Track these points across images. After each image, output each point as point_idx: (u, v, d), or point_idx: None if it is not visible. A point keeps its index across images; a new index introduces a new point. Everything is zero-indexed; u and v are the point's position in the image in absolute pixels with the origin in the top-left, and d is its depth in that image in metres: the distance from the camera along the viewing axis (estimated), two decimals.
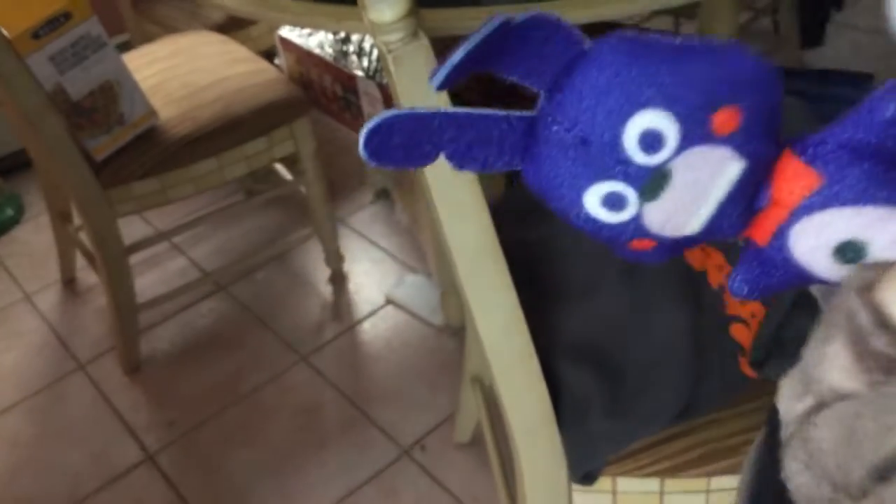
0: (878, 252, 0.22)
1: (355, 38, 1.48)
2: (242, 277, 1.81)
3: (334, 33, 1.50)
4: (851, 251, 0.22)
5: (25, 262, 1.95)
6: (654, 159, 0.21)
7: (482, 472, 1.33)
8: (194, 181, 1.51)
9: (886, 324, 0.21)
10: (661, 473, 0.83)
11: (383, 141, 0.22)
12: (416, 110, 0.22)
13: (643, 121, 0.21)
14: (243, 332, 1.69)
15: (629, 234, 0.23)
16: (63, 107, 1.34)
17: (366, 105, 1.43)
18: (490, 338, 0.75)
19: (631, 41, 0.21)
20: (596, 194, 0.22)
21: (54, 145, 1.34)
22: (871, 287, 0.21)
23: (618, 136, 0.21)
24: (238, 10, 0.98)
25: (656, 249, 0.24)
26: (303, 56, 1.56)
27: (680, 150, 0.21)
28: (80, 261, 1.83)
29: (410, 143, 0.22)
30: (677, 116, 0.21)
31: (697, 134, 0.21)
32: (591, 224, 0.23)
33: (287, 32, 1.59)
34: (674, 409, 0.84)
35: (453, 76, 0.21)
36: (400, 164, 0.23)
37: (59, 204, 1.72)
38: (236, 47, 1.67)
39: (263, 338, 1.66)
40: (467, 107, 0.23)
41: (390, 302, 1.70)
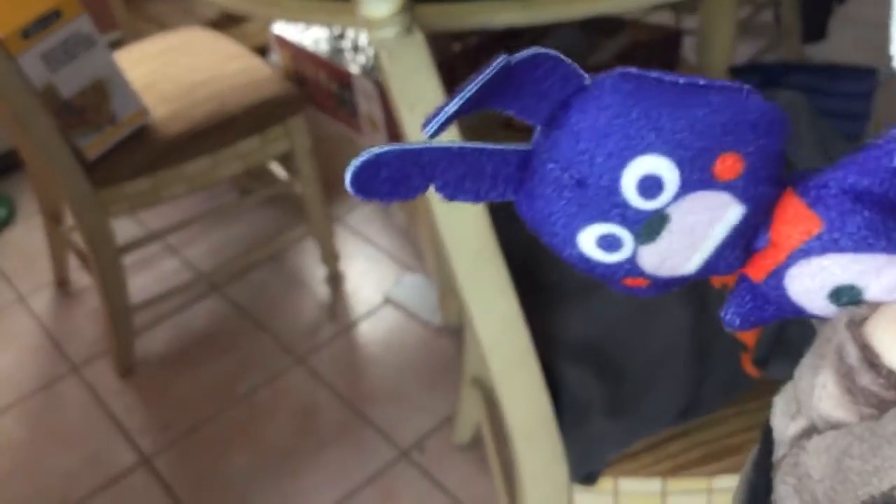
0: (872, 298, 0.22)
1: (350, 34, 1.46)
2: (237, 278, 1.79)
3: (329, 29, 1.49)
4: (846, 296, 0.22)
5: (18, 263, 1.93)
6: (653, 204, 0.21)
7: (482, 473, 1.32)
8: (188, 180, 1.49)
9: (873, 362, 0.21)
10: (663, 473, 0.83)
11: (371, 177, 0.21)
12: (404, 146, 0.21)
13: (643, 166, 0.20)
14: (238, 333, 1.67)
15: (623, 273, 0.23)
16: (54, 105, 1.32)
17: (361, 102, 1.41)
18: (489, 338, 0.74)
19: (633, 80, 0.21)
20: (591, 235, 0.22)
21: (45, 144, 1.33)
22: (861, 322, 0.21)
23: (616, 180, 0.21)
24: (232, 6, 0.97)
25: (650, 287, 0.23)
26: (297, 53, 1.54)
27: (679, 196, 0.21)
28: (73, 262, 1.81)
29: (399, 177, 0.22)
30: (678, 162, 0.20)
31: (698, 179, 0.21)
32: (584, 262, 0.23)
33: (281, 29, 1.58)
34: (676, 409, 0.83)
35: (448, 124, 0.21)
36: (388, 199, 0.22)
37: (52, 204, 1.70)
38: (230, 44, 1.66)
39: (259, 339, 1.65)
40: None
41: (388, 302, 1.68)
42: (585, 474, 0.83)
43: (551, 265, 0.90)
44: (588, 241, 0.22)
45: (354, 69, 1.40)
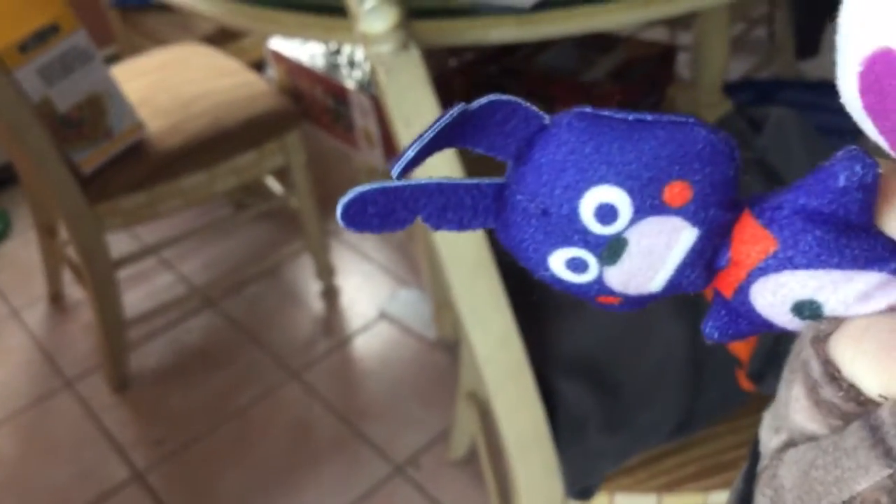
0: (832, 312, 0.23)
1: (347, 50, 1.47)
2: (232, 292, 1.79)
3: (325, 45, 1.50)
4: (808, 310, 0.23)
5: (12, 277, 1.93)
6: (610, 229, 0.23)
7: (477, 488, 1.31)
8: (183, 195, 1.49)
9: (834, 376, 0.22)
10: (659, 489, 0.83)
11: (359, 212, 0.23)
12: (386, 184, 0.23)
13: (598, 195, 0.23)
14: (233, 347, 1.67)
15: (594, 291, 0.25)
16: (50, 119, 1.32)
17: (357, 117, 1.42)
18: (484, 353, 0.74)
19: (587, 118, 0.23)
20: (559, 258, 0.24)
21: (41, 159, 1.33)
22: (825, 338, 0.23)
23: (575, 209, 0.23)
24: (228, 21, 0.97)
25: (623, 304, 0.25)
26: (293, 68, 1.55)
27: (634, 221, 0.23)
28: (67, 276, 1.81)
29: (385, 212, 0.24)
30: (629, 191, 0.23)
31: (649, 206, 0.23)
32: (557, 283, 0.25)
33: (278, 44, 1.59)
34: (671, 424, 0.83)
35: (411, 167, 0.23)
36: (378, 230, 0.24)
37: (46, 219, 1.70)
38: (226, 60, 1.66)
39: (254, 354, 1.64)
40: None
41: (383, 316, 1.68)
42: (581, 489, 0.83)
43: None
44: (558, 263, 0.24)
45: (350, 84, 1.40)
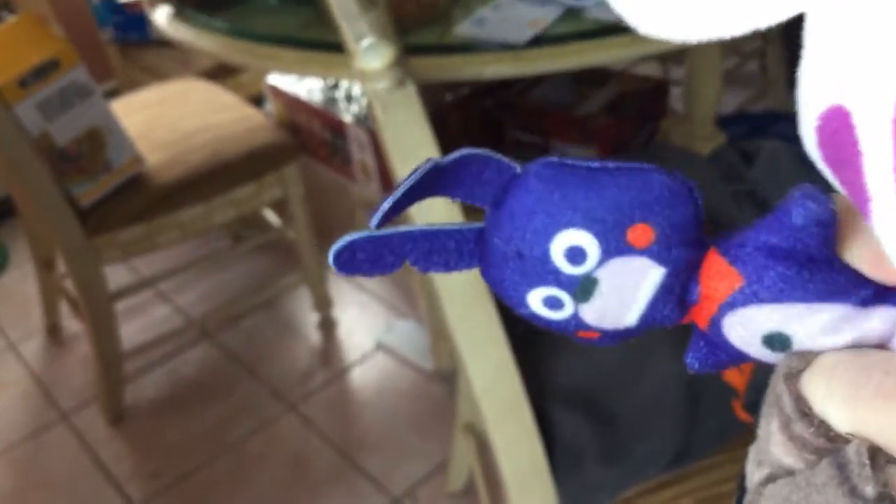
0: (800, 344, 0.24)
1: (344, 84, 1.49)
2: (229, 324, 1.79)
3: (323, 80, 1.51)
4: (777, 342, 0.24)
5: (10, 310, 1.93)
6: (580, 270, 0.24)
7: None
8: (181, 227, 1.50)
9: (806, 413, 0.22)
10: None
11: (349, 259, 0.25)
12: (372, 233, 0.25)
13: (566, 239, 0.24)
14: (230, 380, 1.66)
15: (573, 327, 0.26)
16: (49, 153, 1.33)
17: (355, 151, 1.43)
18: (481, 384, 0.74)
19: (553, 167, 0.24)
20: (537, 297, 0.25)
21: (39, 192, 1.33)
22: (797, 374, 0.23)
23: (546, 251, 0.24)
24: (227, 57, 0.99)
25: (602, 338, 0.26)
26: (291, 102, 1.57)
27: (602, 261, 0.24)
28: (65, 308, 1.81)
29: (374, 257, 0.25)
30: (595, 234, 0.24)
31: (615, 248, 0.24)
32: (537, 319, 0.26)
33: (276, 79, 1.60)
34: (668, 455, 0.83)
35: (388, 218, 0.24)
36: (369, 275, 0.26)
37: (44, 251, 1.70)
38: (224, 94, 1.68)
39: (250, 386, 1.64)
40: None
41: (380, 347, 1.68)
42: None
43: None
44: (535, 301, 0.25)
45: (348, 118, 1.42)
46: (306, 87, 1.53)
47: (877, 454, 0.21)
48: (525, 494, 0.81)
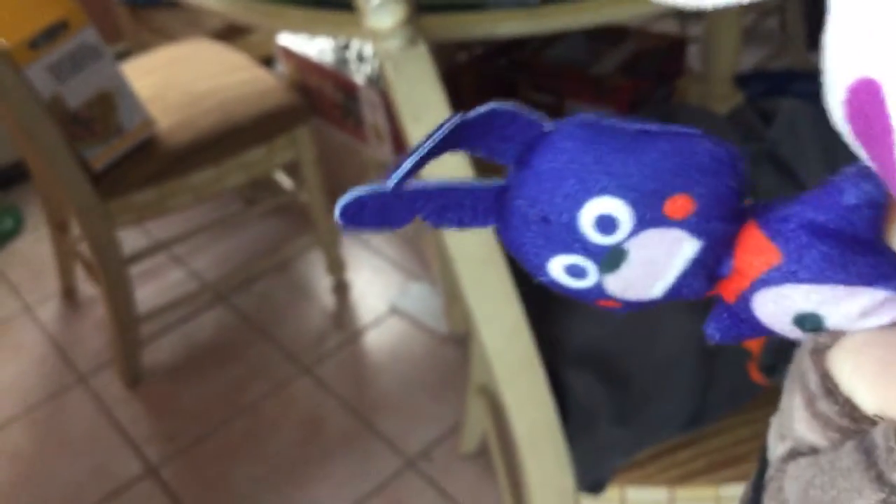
0: (834, 326, 0.23)
1: (355, 44, 1.47)
2: (243, 288, 1.80)
3: (334, 40, 1.50)
4: (809, 323, 0.23)
5: (25, 273, 1.94)
6: (610, 240, 0.23)
7: (488, 481, 1.32)
8: (194, 190, 1.50)
9: (831, 390, 0.22)
10: (670, 482, 0.83)
11: (356, 213, 0.23)
12: (382, 187, 0.23)
13: (598, 206, 0.22)
14: (244, 342, 1.67)
15: (594, 296, 0.25)
16: (61, 117, 1.33)
17: (367, 112, 1.42)
18: (494, 346, 0.74)
19: (588, 127, 0.23)
20: (559, 264, 0.24)
21: (52, 156, 1.33)
22: (823, 351, 0.22)
23: (575, 218, 0.23)
24: (237, 17, 0.97)
25: (623, 308, 0.25)
26: (302, 63, 1.55)
27: (635, 232, 0.23)
28: (80, 272, 1.82)
29: (383, 212, 0.24)
30: (630, 203, 0.22)
31: (650, 218, 0.23)
32: (557, 286, 0.25)
33: (287, 40, 1.59)
34: (682, 417, 0.83)
35: (407, 177, 0.23)
36: (376, 230, 0.24)
37: (58, 215, 1.71)
38: (235, 55, 1.67)
39: (265, 349, 1.65)
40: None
41: (394, 311, 1.68)
42: (592, 483, 0.83)
43: None
44: (557, 268, 0.24)
45: (359, 79, 1.40)
46: (317, 47, 1.51)
47: None
48: (538, 455, 0.81)
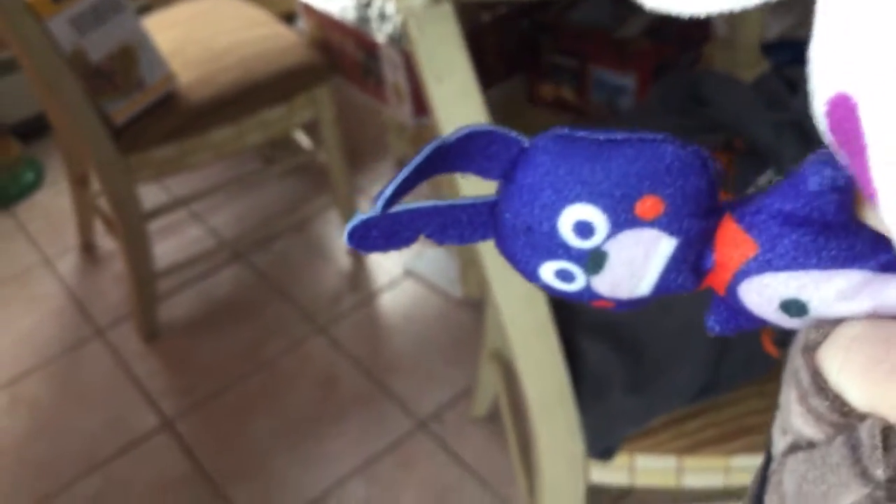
0: (817, 310, 0.24)
1: (378, 2, 1.45)
2: (261, 246, 1.80)
3: None
4: (794, 308, 0.24)
5: (45, 226, 1.96)
6: (589, 243, 0.24)
7: (499, 446, 1.33)
8: (213, 147, 1.50)
9: (822, 387, 0.22)
10: (680, 451, 0.83)
11: (363, 236, 0.25)
12: (385, 212, 0.25)
13: (574, 213, 0.24)
14: (261, 300, 1.68)
15: (587, 297, 0.26)
16: (82, 70, 1.33)
17: (388, 72, 1.41)
18: (510, 309, 0.74)
19: (560, 140, 0.24)
20: (548, 269, 0.25)
21: (74, 109, 1.34)
22: (815, 347, 0.23)
23: (554, 226, 0.24)
24: None
25: (617, 307, 0.27)
26: (324, 20, 1.54)
27: (611, 235, 0.24)
28: (99, 226, 1.83)
29: (389, 233, 0.25)
30: (603, 208, 0.24)
31: (624, 220, 0.24)
32: (551, 290, 0.26)
33: None
34: (694, 387, 0.83)
35: (392, 202, 0.24)
36: (384, 250, 0.26)
37: (79, 169, 1.72)
38: (257, 11, 1.66)
39: (281, 307, 1.66)
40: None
41: (409, 274, 1.69)
42: (602, 450, 0.83)
43: None
44: (548, 274, 0.25)
45: (381, 38, 1.39)
46: (339, 4, 1.50)
47: (890, 433, 0.20)
48: (549, 420, 0.81)
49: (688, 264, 0.25)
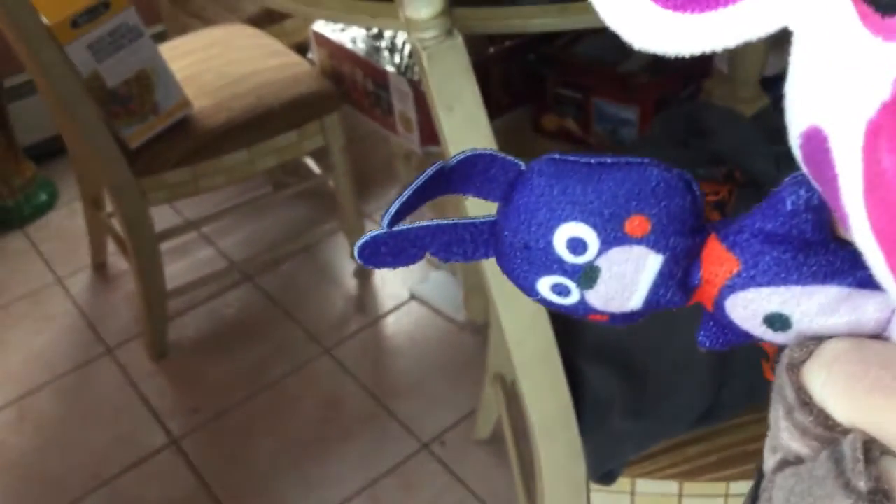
0: (799, 324, 0.25)
1: (388, 34, 1.49)
2: (269, 268, 1.83)
3: (367, 29, 1.52)
4: (778, 322, 0.25)
5: (58, 246, 1.98)
6: (582, 259, 0.26)
7: (501, 468, 1.34)
8: (226, 172, 1.53)
9: (806, 402, 0.23)
10: (680, 476, 0.84)
11: (373, 253, 0.27)
12: (392, 230, 0.27)
13: (567, 231, 0.25)
14: (268, 322, 1.70)
15: (581, 311, 0.27)
16: (99, 94, 1.36)
17: (396, 101, 1.44)
18: (514, 333, 0.75)
19: (555, 163, 0.26)
20: (545, 284, 0.27)
21: (89, 132, 1.36)
22: (799, 365, 0.24)
23: (549, 243, 0.26)
24: (274, 4, 0.99)
25: (611, 320, 0.28)
26: (335, 51, 1.57)
27: (602, 251, 0.26)
28: (111, 247, 1.86)
29: (396, 250, 0.27)
30: (593, 226, 0.25)
31: (614, 238, 0.25)
32: (548, 304, 0.28)
33: (321, 27, 1.61)
34: (696, 413, 0.84)
35: (398, 219, 0.26)
36: (392, 266, 0.28)
37: (92, 190, 1.74)
38: (270, 41, 1.69)
39: (288, 329, 1.68)
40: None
41: (414, 297, 1.71)
42: (603, 473, 0.84)
43: None
44: (544, 288, 0.27)
45: (390, 68, 1.42)
46: (350, 35, 1.53)
47: (871, 446, 0.21)
48: (551, 444, 0.82)
49: (675, 280, 0.27)
